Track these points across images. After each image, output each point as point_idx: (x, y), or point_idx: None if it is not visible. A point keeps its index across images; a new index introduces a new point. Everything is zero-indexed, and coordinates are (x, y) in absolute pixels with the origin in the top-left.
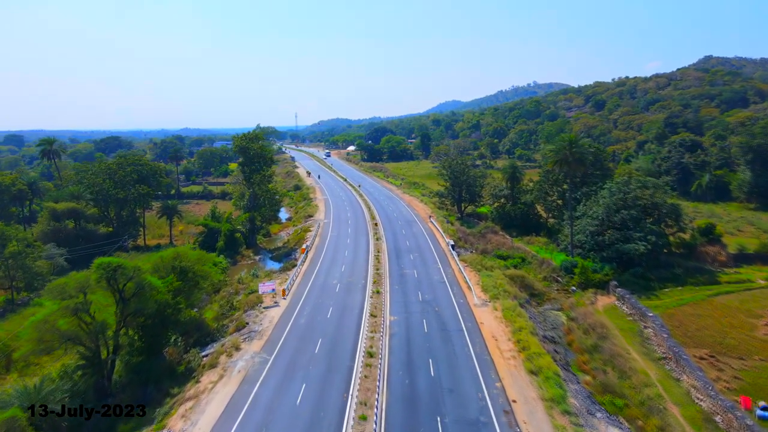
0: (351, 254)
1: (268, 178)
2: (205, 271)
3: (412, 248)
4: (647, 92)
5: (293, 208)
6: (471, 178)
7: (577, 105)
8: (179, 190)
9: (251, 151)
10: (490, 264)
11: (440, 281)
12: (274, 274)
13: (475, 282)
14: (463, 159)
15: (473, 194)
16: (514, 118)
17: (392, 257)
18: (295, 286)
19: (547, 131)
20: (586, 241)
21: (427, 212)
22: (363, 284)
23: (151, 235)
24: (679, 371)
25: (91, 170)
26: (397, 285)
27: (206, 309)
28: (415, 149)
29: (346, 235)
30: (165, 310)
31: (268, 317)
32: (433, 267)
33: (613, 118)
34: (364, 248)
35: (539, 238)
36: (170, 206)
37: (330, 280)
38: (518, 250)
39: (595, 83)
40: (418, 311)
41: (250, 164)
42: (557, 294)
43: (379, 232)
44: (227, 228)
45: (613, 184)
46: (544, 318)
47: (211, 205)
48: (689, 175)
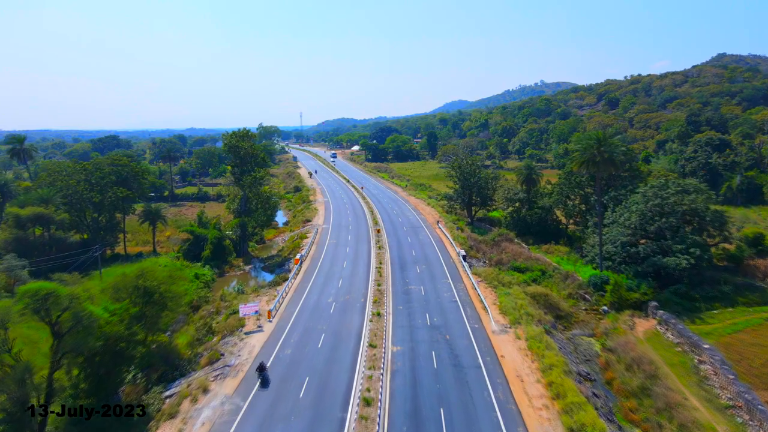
0: (350, 266)
1: (259, 181)
2: (175, 291)
3: (418, 259)
4: (663, 89)
5: (291, 211)
6: (482, 180)
7: (589, 103)
8: (173, 191)
9: (241, 150)
10: (508, 279)
11: (451, 300)
12: (262, 290)
13: (491, 302)
14: (474, 159)
15: (485, 197)
16: (523, 116)
17: (396, 270)
18: (283, 305)
19: (559, 130)
20: (617, 253)
21: (434, 217)
22: (362, 303)
23: (135, 242)
24: (756, 426)
25: (65, 171)
26: (401, 305)
27: (181, 332)
28: (421, 149)
29: (346, 242)
30: (116, 344)
31: (248, 346)
32: (442, 282)
33: (629, 116)
34: (364, 258)
35: (559, 246)
36: (153, 210)
37: (324, 298)
38: (537, 261)
39: (606, 81)
40: (426, 340)
41: (240, 165)
42: (586, 315)
43: (382, 240)
44: (214, 235)
45: (648, 188)
46: (574, 347)
47: (199, 210)
48: (717, 176)
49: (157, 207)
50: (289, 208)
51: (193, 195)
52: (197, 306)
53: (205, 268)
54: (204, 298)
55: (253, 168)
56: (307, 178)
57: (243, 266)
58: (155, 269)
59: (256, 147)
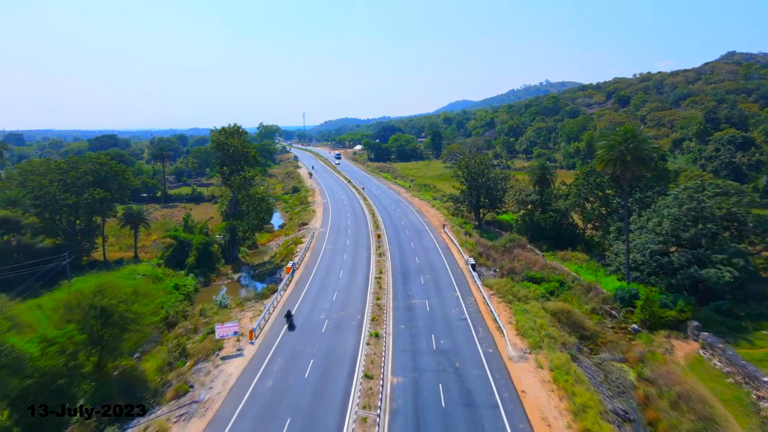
0: (347, 276)
1: (250, 181)
2: (137, 311)
3: (422, 267)
4: (675, 87)
5: (288, 213)
6: (491, 181)
7: (597, 102)
8: (166, 192)
9: (230, 147)
10: (524, 293)
11: (460, 318)
12: (247, 303)
13: (506, 320)
14: (482, 158)
15: (494, 199)
16: (530, 115)
17: (398, 280)
18: (269, 323)
19: (568, 128)
20: (645, 262)
21: (439, 220)
22: (358, 321)
23: (119, 246)
24: None
25: (37, 171)
26: (402, 323)
27: (152, 354)
28: (425, 148)
29: (344, 248)
30: (54, 380)
31: (224, 375)
32: (449, 295)
33: (641, 114)
34: (363, 267)
35: (576, 253)
36: (134, 213)
37: (316, 314)
38: (554, 271)
39: (614, 79)
40: (432, 368)
41: (229, 164)
42: (614, 335)
43: (383, 246)
44: (200, 241)
45: (681, 190)
46: (604, 375)
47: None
48: (741, 176)
49: (139, 209)
50: (286, 210)
51: (187, 196)
52: (173, 322)
53: (189, 276)
54: (182, 313)
55: (242, 167)
56: (307, 179)
57: (231, 274)
58: (117, 284)
59: (247, 144)
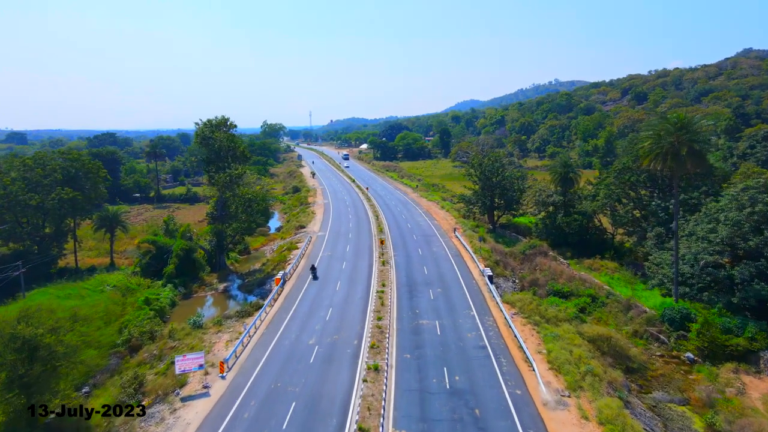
0: (344, 288)
1: (237, 179)
2: (70, 344)
3: (431, 279)
4: (696, 82)
5: (287, 215)
6: (507, 180)
7: (612, 99)
8: (159, 192)
9: (216, 142)
10: (552, 313)
11: (478, 345)
12: (226, 322)
13: (535, 348)
14: (497, 155)
15: (510, 200)
16: (543, 112)
17: (403, 295)
18: (247, 350)
19: (583, 126)
20: (695, 276)
21: (450, 223)
22: (354, 348)
23: (96, 252)
24: None
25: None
26: (408, 351)
27: (107, 386)
28: (434, 147)
29: (343, 256)
30: None
31: (179, 426)
32: (464, 314)
33: (661, 111)
34: (364, 278)
35: (605, 262)
36: (109, 216)
37: (305, 338)
38: (583, 283)
39: (628, 76)
40: (446, 417)
41: (215, 160)
42: (665, 366)
43: (387, 253)
44: (181, 246)
45: (740, 192)
46: (663, 423)
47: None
48: None
49: (115, 211)
50: (284, 212)
51: (182, 196)
52: (137, 346)
53: (167, 287)
54: (149, 334)
55: (228, 164)
56: (309, 178)
57: (217, 284)
58: (51, 307)
59: (234, 138)
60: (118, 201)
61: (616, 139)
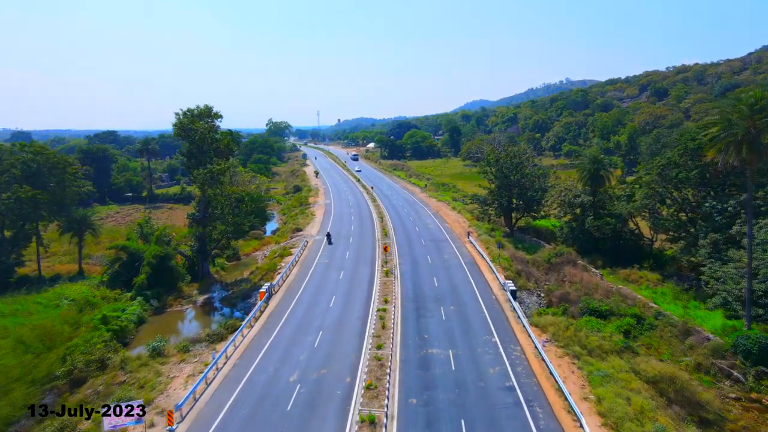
0: (339, 305)
1: (218, 176)
2: None
3: (443, 293)
4: (720, 77)
5: (285, 215)
6: (527, 178)
7: (630, 95)
8: (152, 191)
9: (196, 133)
10: (595, 340)
11: (504, 386)
12: (193, 349)
13: (579, 394)
14: (516, 150)
15: (530, 201)
16: (557, 109)
17: (409, 313)
18: (210, 390)
19: (601, 123)
20: None
21: (462, 226)
22: (346, 388)
23: (69, 258)
24: None
25: None
26: (414, 396)
27: None
28: (443, 146)
29: (341, 264)
30: None
31: None
32: (483, 341)
33: (684, 107)
34: (363, 292)
35: (644, 272)
36: (78, 218)
37: (284, 373)
38: (624, 300)
39: (645, 72)
40: None
41: (196, 155)
42: (743, 412)
43: (392, 260)
44: (154, 253)
45: None
46: None
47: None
48: None
49: (84, 213)
50: (283, 212)
51: (175, 195)
52: (81, 379)
53: (136, 300)
54: (98, 362)
55: (210, 158)
56: (313, 177)
57: (197, 296)
58: None
59: (216, 129)
60: (108, 201)
61: (639, 135)
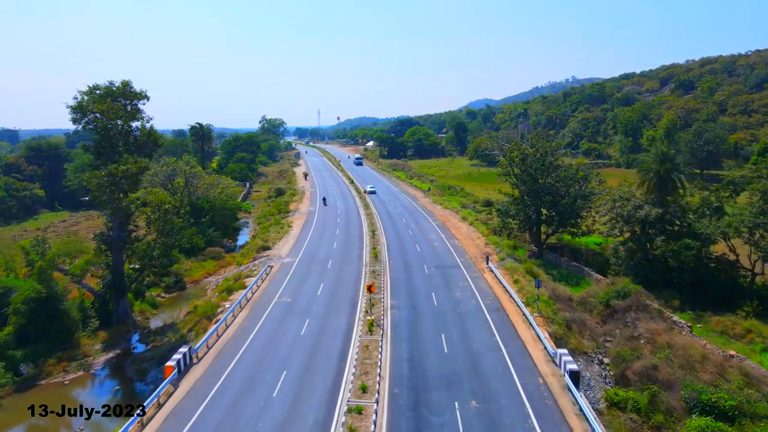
0: (288, 396)
1: (133, 180)
2: None
3: (457, 373)
4: (753, 68)
5: (260, 225)
6: (562, 182)
7: (650, 89)
8: None
9: (101, 121)
10: None
11: None
12: None
13: None
14: (547, 145)
15: (565, 212)
16: (572, 104)
17: (400, 420)
18: None
19: (624, 118)
20: None
21: (476, 243)
22: None
23: None
24: None
25: None
26: None
27: None
28: (448, 144)
29: (307, 307)
30: None
31: None
32: None
33: (718, 100)
34: (331, 368)
35: (751, 321)
36: None
37: None
38: (748, 380)
39: (662, 66)
40: None
41: (108, 150)
42: None
43: (382, 303)
44: (30, 295)
45: None
46: None
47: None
48: None
49: None
50: (258, 221)
51: None
52: None
53: None
54: None
55: (119, 154)
56: (301, 179)
57: (96, 355)
58: None
59: (127, 114)
60: (57, 207)
61: (677, 131)
